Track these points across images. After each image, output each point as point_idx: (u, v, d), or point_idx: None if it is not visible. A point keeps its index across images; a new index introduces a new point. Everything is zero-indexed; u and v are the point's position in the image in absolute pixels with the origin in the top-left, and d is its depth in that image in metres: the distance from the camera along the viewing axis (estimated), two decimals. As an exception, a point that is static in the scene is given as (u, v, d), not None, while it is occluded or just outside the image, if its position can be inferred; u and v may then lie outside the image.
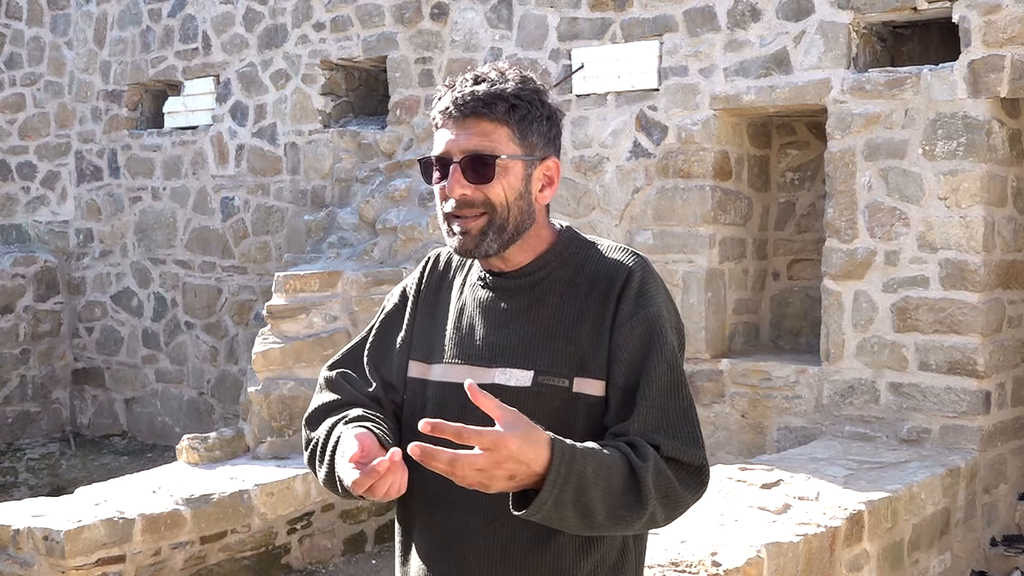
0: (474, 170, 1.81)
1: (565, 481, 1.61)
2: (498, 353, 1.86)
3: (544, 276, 1.89)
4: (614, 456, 1.70)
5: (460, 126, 1.82)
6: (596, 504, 1.66)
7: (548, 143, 1.89)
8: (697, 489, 1.80)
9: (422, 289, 2.02)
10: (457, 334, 1.92)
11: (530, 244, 1.90)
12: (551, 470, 1.60)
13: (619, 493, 1.68)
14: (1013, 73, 5.29)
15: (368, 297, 6.76)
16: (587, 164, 6.71)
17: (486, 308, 1.91)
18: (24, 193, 10.10)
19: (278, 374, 6.46)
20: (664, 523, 1.79)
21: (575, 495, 1.63)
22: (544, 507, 1.62)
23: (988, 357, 5.42)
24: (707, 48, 6.23)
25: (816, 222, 6.46)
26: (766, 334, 6.70)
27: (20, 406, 9.63)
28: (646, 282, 1.85)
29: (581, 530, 1.71)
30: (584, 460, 1.64)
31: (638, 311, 1.82)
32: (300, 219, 8.21)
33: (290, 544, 5.90)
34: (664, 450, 1.76)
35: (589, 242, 1.94)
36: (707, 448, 6.81)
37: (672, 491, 1.75)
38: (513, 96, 1.82)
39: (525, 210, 1.86)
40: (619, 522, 1.71)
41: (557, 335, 1.84)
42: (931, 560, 4.96)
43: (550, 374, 1.82)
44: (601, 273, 1.86)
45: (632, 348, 1.81)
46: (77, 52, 9.70)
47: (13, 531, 5.03)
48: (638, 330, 1.81)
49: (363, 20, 7.88)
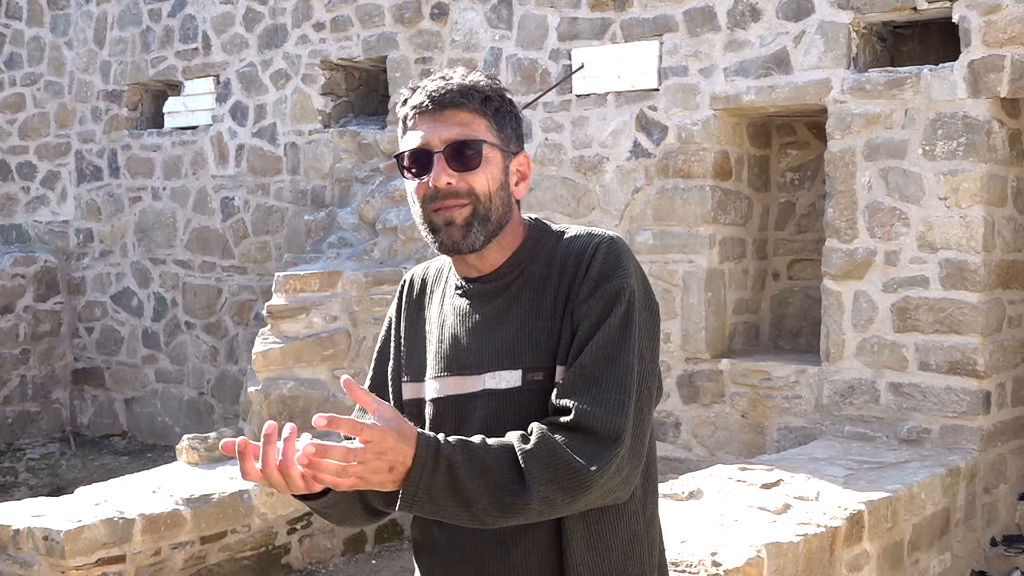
0: (458, 158, 1.80)
1: (433, 471, 1.62)
2: (485, 359, 1.85)
3: (518, 274, 1.88)
4: (494, 444, 1.69)
5: (437, 119, 1.81)
6: (475, 492, 1.65)
7: (518, 139, 1.90)
8: (607, 461, 1.69)
9: (402, 313, 2.02)
10: (442, 347, 1.91)
11: (506, 242, 1.90)
12: (415, 460, 1.61)
13: (500, 480, 1.66)
14: (1013, 73, 5.29)
15: (368, 297, 6.77)
16: (587, 164, 6.71)
17: (466, 316, 1.90)
18: (24, 193, 10.10)
19: (278, 374, 6.47)
20: (571, 505, 1.71)
21: (448, 484, 1.63)
22: (416, 496, 1.63)
23: (988, 357, 5.42)
24: (707, 48, 6.23)
25: (816, 222, 6.46)
26: (766, 334, 6.70)
27: (20, 406, 9.63)
28: (612, 257, 1.82)
29: (470, 521, 1.69)
30: (452, 450, 1.65)
31: (600, 285, 1.79)
32: (300, 219, 8.21)
33: (290, 544, 5.90)
34: (575, 415, 1.70)
35: (558, 232, 1.92)
36: (707, 448, 6.75)
37: (570, 470, 1.67)
38: (486, 88, 1.84)
39: (506, 202, 1.86)
40: (506, 510, 1.67)
41: (537, 329, 1.83)
42: (931, 560, 4.96)
43: (536, 370, 1.81)
44: (569, 259, 1.85)
45: (588, 323, 1.78)
46: (77, 52, 9.70)
47: (13, 531, 5.03)
48: (598, 304, 1.78)
49: (363, 20, 7.88)
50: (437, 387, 1.90)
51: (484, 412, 1.83)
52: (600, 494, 1.72)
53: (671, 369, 6.33)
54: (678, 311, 6.30)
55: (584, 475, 1.68)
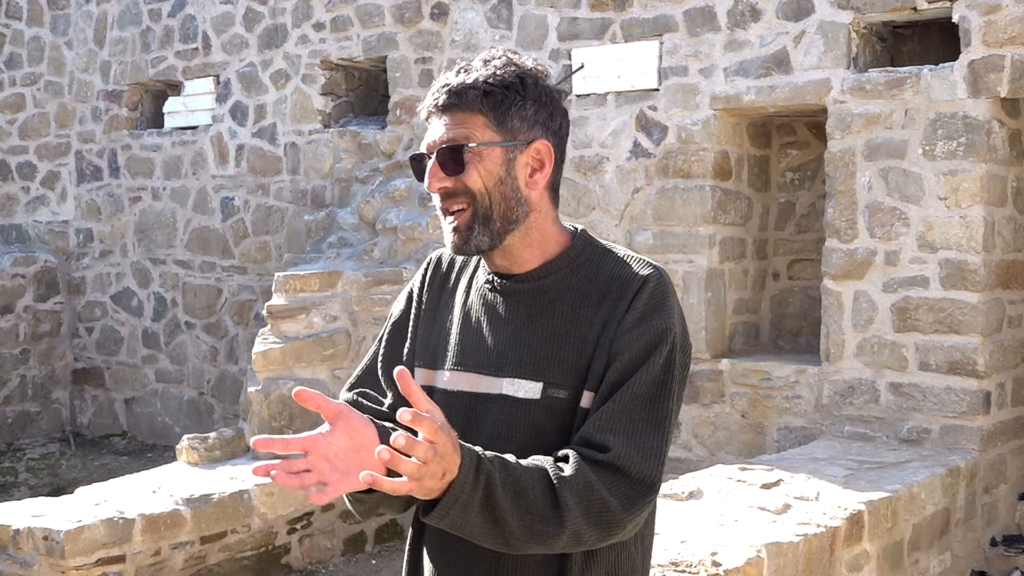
0: (447, 162, 1.79)
1: (474, 485, 1.57)
2: (506, 362, 1.80)
3: (555, 282, 1.82)
4: (531, 467, 1.65)
5: (440, 120, 1.81)
6: (507, 515, 1.60)
7: (535, 126, 1.82)
8: (640, 507, 1.68)
9: (424, 292, 1.96)
10: (463, 340, 1.85)
11: (536, 241, 1.85)
12: (461, 470, 1.55)
13: (534, 505, 1.62)
14: (1013, 73, 5.29)
15: (368, 297, 6.77)
16: (587, 164, 6.71)
17: (493, 313, 1.84)
18: (24, 193, 10.10)
19: (278, 374, 6.47)
20: (594, 543, 1.69)
21: (484, 500, 1.58)
22: (453, 508, 1.57)
23: (988, 357, 5.42)
24: (707, 48, 6.23)
25: (816, 222, 6.46)
26: (766, 334, 6.70)
27: (20, 406, 9.63)
28: (660, 294, 1.77)
29: (495, 543, 1.64)
30: (491, 466, 1.59)
31: (645, 321, 1.74)
32: (300, 219, 8.21)
33: (290, 544, 5.90)
34: (614, 455, 1.67)
35: (605, 248, 1.86)
36: (707, 448, 6.76)
37: (604, 509, 1.65)
38: (485, 83, 1.77)
39: (510, 196, 1.80)
40: (535, 537, 1.63)
41: (567, 345, 1.77)
42: (931, 560, 4.96)
43: (559, 387, 1.76)
44: (615, 282, 1.78)
45: (628, 356, 1.72)
46: (77, 52, 9.70)
47: (13, 531, 5.03)
48: (641, 340, 1.73)
49: (363, 20, 7.88)
50: (451, 379, 1.85)
51: (496, 417, 1.79)
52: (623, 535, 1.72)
53: (671, 369, 6.31)
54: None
55: (617, 517, 1.66)
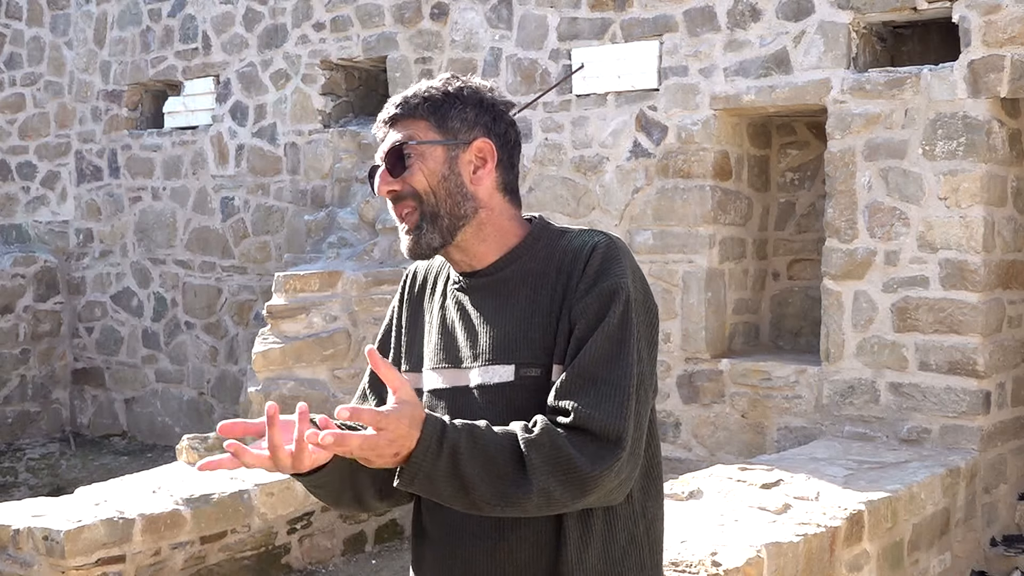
0: (394, 166, 1.87)
1: (436, 456, 1.64)
2: (479, 352, 1.87)
3: (515, 270, 1.89)
4: (500, 433, 1.71)
5: (388, 132, 1.91)
6: (475, 479, 1.67)
7: (476, 127, 1.89)
8: (608, 464, 1.70)
9: (404, 306, 2.05)
10: (440, 339, 1.94)
11: (491, 236, 1.91)
12: (419, 443, 1.64)
13: (503, 469, 1.68)
14: (1013, 73, 5.29)
15: (368, 297, 6.77)
16: (587, 164, 6.71)
17: (463, 310, 1.92)
18: (24, 193, 10.10)
19: (278, 374, 6.47)
20: (569, 503, 1.72)
21: (449, 469, 1.66)
22: (416, 478, 1.66)
23: (988, 357, 5.42)
24: (707, 48, 6.23)
25: (816, 222, 6.46)
26: (766, 334, 6.70)
27: (20, 406, 9.63)
28: (610, 256, 1.82)
29: (467, 507, 1.71)
30: (457, 434, 1.67)
31: (597, 284, 1.79)
32: (300, 219, 8.21)
33: (290, 544, 5.90)
34: (575, 417, 1.71)
35: (560, 231, 1.93)
36: (707, 448, 6.76)
37: (571, 467, 1.68)
38: (425, 91, 1.89)
39: (455, 192, 1.87)
40: (504, 499, 1.69)
41: (533, 325, 1.84)
42: (931, 560, 4.96)
43: (531, 366, 1.82)
44: (567, 255, 1.85)
45: (585, 321, 1.78)
46: (77, 52, 9.70)
47: (13, 531, 5.03)
48: (595, 304, 1.78)
49: (363, 20, 7.88)
50: (433, 378, 1.93)
51: (478, 406, 1.84)
52: (599, 497, 1.73)
53: (671, 369, 6.33)
54: (678, 311, 6.30)
55: (586, 475, 1.69)
